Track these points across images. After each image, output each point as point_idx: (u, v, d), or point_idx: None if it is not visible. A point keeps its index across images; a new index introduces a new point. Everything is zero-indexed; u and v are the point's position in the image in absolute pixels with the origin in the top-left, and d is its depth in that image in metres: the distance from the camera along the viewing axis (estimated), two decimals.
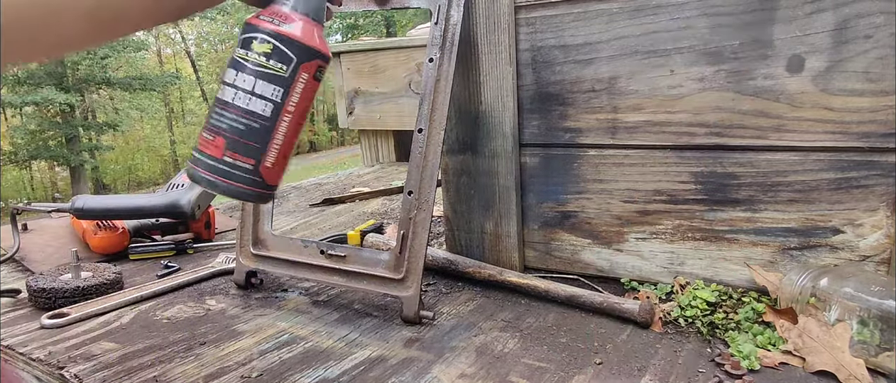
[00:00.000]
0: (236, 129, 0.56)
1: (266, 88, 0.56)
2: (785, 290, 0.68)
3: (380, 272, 0.77)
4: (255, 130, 0.56)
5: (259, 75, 0.55)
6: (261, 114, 0.56)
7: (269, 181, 0.59)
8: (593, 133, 0.82)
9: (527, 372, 0.63)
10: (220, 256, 1.02)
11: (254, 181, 0.57)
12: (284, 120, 0.57)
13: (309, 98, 0.59)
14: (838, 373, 0.59)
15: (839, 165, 0.68)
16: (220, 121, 0.56)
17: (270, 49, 0.55)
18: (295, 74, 0.56)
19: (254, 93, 0.55)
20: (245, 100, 0.56)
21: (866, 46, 0.64)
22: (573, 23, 0.79)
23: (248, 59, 0.56)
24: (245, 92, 0.55)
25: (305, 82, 0.57)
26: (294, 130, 0.59)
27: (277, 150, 0.58)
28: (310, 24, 0.57)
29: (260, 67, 0.55)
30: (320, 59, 0.58)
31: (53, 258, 1.05)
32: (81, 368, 0.67)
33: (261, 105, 0.56)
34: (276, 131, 0.57)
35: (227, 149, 0.56)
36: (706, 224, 0.77)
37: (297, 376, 0.64)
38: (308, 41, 0.57)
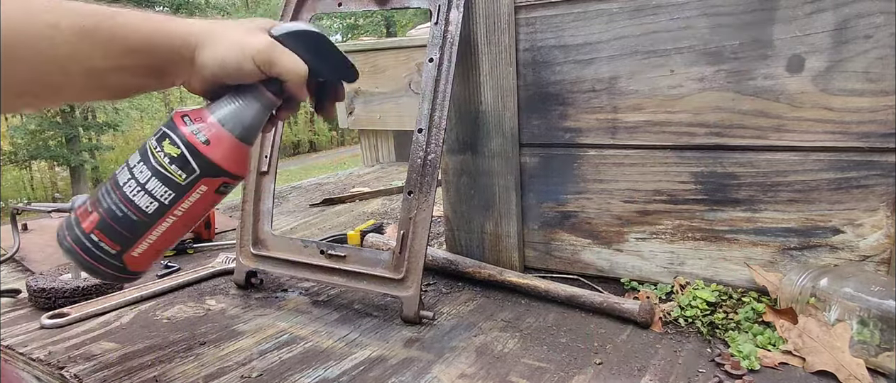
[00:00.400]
0: (113, 214, 0.56)
1: (157, 188, 0.56)
2: (785, 290, 0.68)
3: (380, 272, 0.77)
4: (132, 222, 0.56)
5: (156, 173, 0.55)
6: (143, 209, 0.56)
7: (132, 268, 0.59)
8: (593, 133, 0.82)
9: (527, 372, 0.63)
10: (220, 256, 1.02)
11: (114, 265, 0.57)
12: (166, 221, 0.57)
13: (204, 206, 0.59)
14: (838, 373, 0.59)
15: (839, 165, 0.68)
16: (103, 198, 0.56)
17: (177, 154, 0.55)
18: (192, 185, 0.56)
19: (144, 187, 0.55)
20: (133, 191, 0.56)
21: (866, 46, 0.64)
22: (573, 23, 0.79)
23: (154, 153, 0.56)
24: (137, 183, 0.56)
25: (202, 194, 0.57)
26: (176, 231, 0.59)
27: (149, 244, 0.58)
28: (231, 141, 0.57)
29: (160, 167, 0.55)
30: (228, 177, 0.58)
31: (53, 258, 1.05)
32: (81, 368, 0.67)
33: (146, 201, 0.56)
34: (153, 229, 0.57)
35: (97, 228, 0.56)
36: (706, 224, 0.77)
37: (297, 376, 0.64)
38: (219, 160, 0.56)
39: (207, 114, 0.57)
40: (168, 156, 0.55)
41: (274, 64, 0.57)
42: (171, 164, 0.55)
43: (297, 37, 0.59)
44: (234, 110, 0.58)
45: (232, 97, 0.58)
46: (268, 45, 0.56)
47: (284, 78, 0.58)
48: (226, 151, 0.57)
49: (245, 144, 0.59)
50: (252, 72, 0.56)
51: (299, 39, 0.59)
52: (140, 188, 0.55)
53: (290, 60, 0.58)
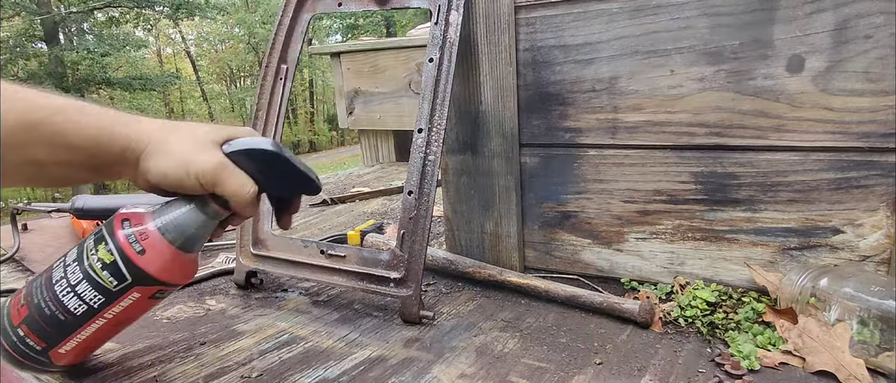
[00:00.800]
0: (41, 311, 0.55)
1: (87, 291, 0.55)
2: (785, 290, 0.68)
3: (380, 272, 0.77)
4: (59, 321, 0.56)
5: (87, 277, 0.55)
6: (71, 311, 0.55)
7: (59, 363, 0.59)
8: (593, 133, 0.82)
9: (527, 372, 0.63)
10: (220, 256, 1.02)
11: (39, 361, 0.57)
12: (95, 323, 0.57)
13: (136, 310, 0.58)
14: (838, 373, 0.59)
15: (839, 165, 0.68)
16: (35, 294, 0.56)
17: (110, 261, 0.54)
18: (124, 292, 0.56)
19: (75, 290, 0.55)
20: (63, 291, 0.55)
21: (866, 46, 0.64)
22: (573, 23, 0.79)
23: (88, 256, 0.55)
24: (67, 283, 0.55)
25: (134, 301, 0.57)
26: (107, 332, 0.58)
27: (76, 343, 0.57)
28: (169, 251, 0.56)
29: (91, 271, 0.55)
30: (162, 286, 0.57)
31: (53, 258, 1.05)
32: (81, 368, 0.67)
33: (75, 303, 0.55)
34: (82, 330, 0.57)
35: (25, 323, 0.56)
36: (706, 224, 0.77)
37: (297, 376, 0.64)
38: (153, 271, 0.55)
39: (149, 218, 0.56)
40: (101, 262, 0.55)
41: (219, 185, 0.55)
42: (103, 270, 0.54)
43: (249, 155, 0.57)
44: (177, 218, 0.56)
45: (177, 203, 0.57)
46: (215, 166, 0.55)
47: (229, 199, 0.56)
48: (162, 262, 0.56)
49: (185, 254, 0.57)
50: (194, 188, 0.55)
51: (252, 158, 0.57)
52: (70, 289, 0.55)
53: (237, 183, 0.56)
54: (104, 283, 0.55)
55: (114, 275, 0.55)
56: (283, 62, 0.88)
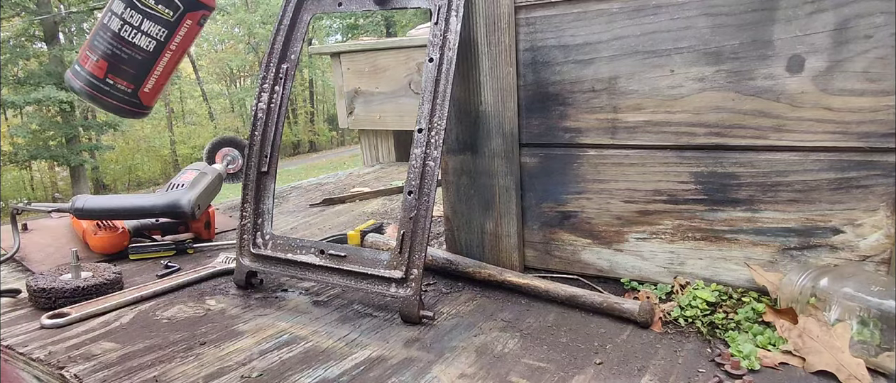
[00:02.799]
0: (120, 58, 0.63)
1: (152, 28, 0.63)
2: (785, 290, 0.68)
3: (380, 272, 0.77)
4: (137, 61, 0.64)
5: (147, 15, 0.62)
6: (145, 49, 0.64)
7: (146, 102, 0.67)
8: (593, 133, 0.82)
9: (527, 372, 0.63)
10: (220, 256, 1.02)
11: (131, 102, 0.66)
12: (165, 56, 0.65)
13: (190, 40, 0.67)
14: (838, 373, 0.59)
15: (839, 165, 0.68)
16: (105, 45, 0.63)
17: None
18: (180, 20, 0.64)
19: (140, 29, 0.63)
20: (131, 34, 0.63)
21: (866, 46, 0.64)
22: (573, 23, 0.79)
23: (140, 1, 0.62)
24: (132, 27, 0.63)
25: (188, 28, 0.65)
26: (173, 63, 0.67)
27: (156, 79, 0.66)
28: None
29: (149, 9, 0.62)
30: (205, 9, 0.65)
31: (53, 258, 1.05)
32: (81, 368, 0.67)
33: (146, 41, 0.64)
34: (157, 65, 0.65)
35: (110, 72, 0.63)
36: (706, 224, 0.77)
37: (297, 376, 0.64)
38: None
39: None
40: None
41: None
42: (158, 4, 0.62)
43: None
44: None
45: None
46: None
47: None
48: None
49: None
50: None
51: None
52: (137, 30, 0.63)
53: None
54: (162, 15, 0.63)
55: (168, 6, 0.63)
56: (284, 62, 0.88)
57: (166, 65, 0.66)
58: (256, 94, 0.88)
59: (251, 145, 0.88)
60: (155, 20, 0.63)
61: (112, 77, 0.64)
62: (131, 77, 0.65)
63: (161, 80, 0.67)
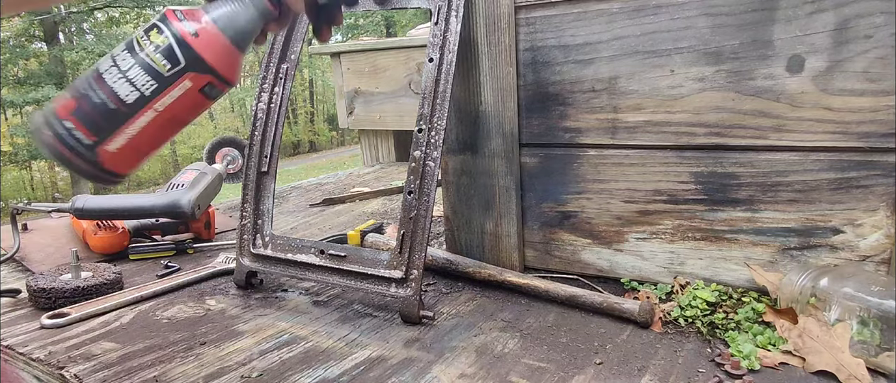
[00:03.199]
0: (90, 100, 0.54)
1: (139, 77, 0.54)
2: (785, 290, 0.68)
3: (380, 272, 0.77)
4: (109, 110, 0.54)
5: (140, 62, 0.54)
6: (121, 98, 0.54)
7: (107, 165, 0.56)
8: (593, 133, 0.82)
9: (527, 372, 0.63)
10: (220, 256, 1.02)
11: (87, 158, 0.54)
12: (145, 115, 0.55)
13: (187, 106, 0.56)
14: (838, 373, 0.59)
15: (839, 165, 0.68)
16: (82, 86, 0.55)
17: (164, 44, 0.54)
18: (177, 77, 0.54)
19: (126, 75, 0.54)
20: (113, 78, 0.54)
21: (866, 46, 0.64)
22: (573, 23, 0.79)
23: (139, 42, 0.54)
24: (118, 71, 0.54)
25: (185, 91, 0.55)
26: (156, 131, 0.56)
27: (127, 140, 0.55)
28: (222, 41, 0.56)
29: (144, 56, 0.54)
30: (215, 77, 0.56)
31: (53, 258, 1.05)
32: (81, 368, 0.67)
33: (126, 89, 0.54)
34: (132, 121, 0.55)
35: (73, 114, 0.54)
36: (706, 224, 0.77)
37: (298, 376, 0.64)
38: (208, 56, 0.55)
39: (201, 13, 0.56)
40: (154, 45, 0.54)
41: None
42: (156, 52, 0.54)
43: None
44: (230, 12, 0.57)
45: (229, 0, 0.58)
46: None
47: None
48: (216, 49, 0.55)
49: (236, 49, 0.57)
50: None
51: None
52: (121, 76, 0.54)
53: None
54: (157, 67, 0.54)
55: (167, 58, 0.54)
56: (284, 62, 0.88)
57: (146, 127, 0.55)
58: (256, 95, 0.88)
59: (251, 145, 0.88)
60: (147, 70, 0.54)
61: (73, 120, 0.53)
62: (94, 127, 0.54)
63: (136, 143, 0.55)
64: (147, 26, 0.55)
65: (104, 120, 0.54)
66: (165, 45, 0.54)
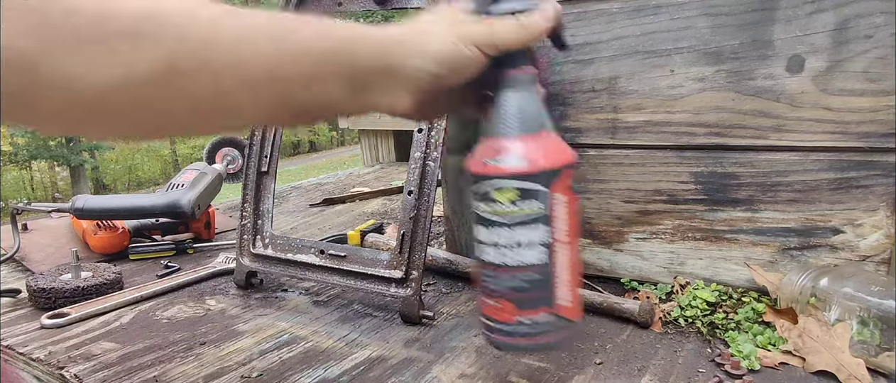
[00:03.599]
0: (518, 288, 0.51)
1: (529, 234, 0.50)
2: (785, 290, 0.68)
3: (380, 272, 0.77)
4: (537, 281, 0.51)
5: (517, 224, 0.50)
6: (536, 264, 0.50)
7: (571, 317, 0.53)
8: (593, 133, 0.82)
9: (527, 372, 0.63)
10: (220, 256, 1.02)
11: (556, 327, 0.52)
12: (559, 254, 0.51)
13: (573, 213, 0.52)
14: (838, 373, 0.59)
15: (839, 165, 0.68)
16: (496, 283, 0.51)
17: (516, 192, 0.49)
18: (549, 202, 0.50)
19: (520, 245, 0.50)
20: (516, 257, 0.50)
21: (866, 46, 0.64)
22: (573, 23, 0.79)
23: (497, 214, 0.50)
24: (511, 247, 0.50)
25: (563, 202, 0.51)
26: (573, 255, 0.53)
27: (566, 286, 0.52)
28: (535, 139, 0.51)
29: (514, 217, 0.50)
30: (566, 168, 0.51)
31: (53, 258, 1.05)
32: (81, 368, 0.67)
33: (532, 254, 0.50)
34: (556, 271, 0.51)
35: (518, 309, 0.51)
36: (706, 224, 0.77)
37: (297, 376, 0.64)
38: (545, 163, 0.50)
39: (490, 140, 0.51)
40: (509, 202, 0.49)
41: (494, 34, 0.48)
42: (518, 204, 0.49)
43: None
44: (507, 113, 0.52)
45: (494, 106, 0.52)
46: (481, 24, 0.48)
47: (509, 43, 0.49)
48: (541, 152, 0.50)
49: (545, 131, 0.51)
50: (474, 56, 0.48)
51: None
52: (515, 250, 0.50)
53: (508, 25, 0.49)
54: (532, 213, 0.50)
55: (530, 197, 0.50)
56: None
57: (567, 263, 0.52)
58: None
59: (251, 145, 0.88)
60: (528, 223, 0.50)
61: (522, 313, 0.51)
62: (543, 300, 0.51)
63: (573, 277, 0.53)
64: (477, 195, 0.51)
65: (542, 289, 0.51)
66: (517, 191, 0.49)
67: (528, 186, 0.49)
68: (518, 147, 0.50)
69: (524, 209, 0.50)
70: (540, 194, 0.50)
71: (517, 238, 0.50)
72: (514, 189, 0.49)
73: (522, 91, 0.52)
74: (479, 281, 0.53)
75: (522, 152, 0.50)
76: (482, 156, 0.51)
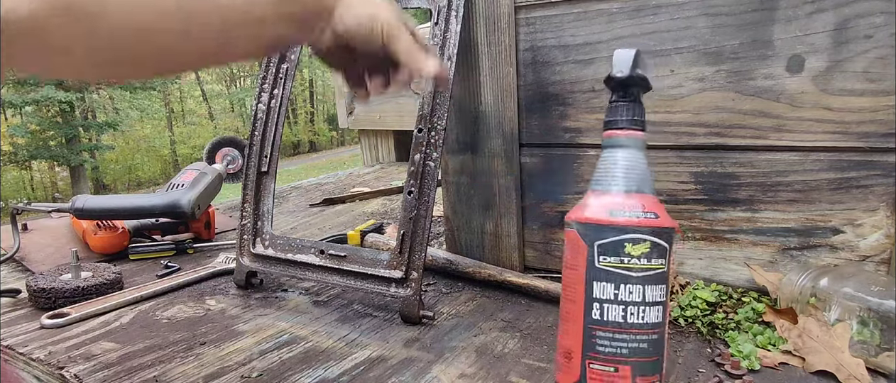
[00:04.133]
0: (640, 350, 0.49)
1: (654, 292, 0.49)
2: (785, 290, 0.68)
3: (380, 272, 0.77)
4: (655, 342, 0.49)
5: (645, 281, 0.48)
6: (655, 323, 0.49)
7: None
8: (593, 133, 0.82)
9: (527, 372, 0.63)
10: (220, 256, 1.02)
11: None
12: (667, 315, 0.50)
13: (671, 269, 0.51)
14: (838, 373, 0.59)
15: (839, 165, 0.68)
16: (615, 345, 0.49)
17: (648, 247, 0.48)
18: (668, 260, 0.50)
19: (646, 302, 0.48)
20: (640, 315, 0.48)
21: (866, 46, 0.64)
22: (573, 23, 0.79)
23: (627, 267, 0.48)
24: (636, 305, 0.48)
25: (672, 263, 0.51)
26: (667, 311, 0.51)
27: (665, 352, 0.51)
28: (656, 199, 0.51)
29: (644, 272, 0.48)
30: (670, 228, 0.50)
31: (53, 258, 1.05)
32: (81, 368, 0.67)
33: (654, 313, 0.49)
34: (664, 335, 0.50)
35: (637, 376, 0.49)
36: (706, 224, 0.77)
37: (297, 376, 0.64)
38: (669, 220, 0.50)
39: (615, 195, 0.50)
40: (642, 256, 0.48)
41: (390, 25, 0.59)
42: (650, 260, 0.48)
43: None
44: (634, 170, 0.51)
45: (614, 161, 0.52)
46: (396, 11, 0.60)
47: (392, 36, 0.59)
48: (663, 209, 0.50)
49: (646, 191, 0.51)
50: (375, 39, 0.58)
51: None
52: (644, 306, 0.48)
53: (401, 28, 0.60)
54: (658, 269, 0.49)
55: (659, 254, 0.48)
56: (284, 62, 0.88)
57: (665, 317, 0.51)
58: (256, 95, 0.88)
59: (251, 145, 0.88)
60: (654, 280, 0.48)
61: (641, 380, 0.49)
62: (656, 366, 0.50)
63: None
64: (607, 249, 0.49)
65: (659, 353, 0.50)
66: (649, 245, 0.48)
67: (659, 241, 0.49)
68: (649, 202, 0.50)
69: (654, 265, 0.49)
70: (666, 251, 0.49)
71: (646, 295, 0.48)
72: (647, 243, 0.48)
73: (642, 151, 0.53)
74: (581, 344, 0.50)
75: (653, 207, 0.50)
76: (607, 208, 0.50)
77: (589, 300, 0.49)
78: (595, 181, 0.52)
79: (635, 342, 0.49)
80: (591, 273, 0.49)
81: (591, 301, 0.49)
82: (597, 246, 0.49)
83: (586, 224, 0.50)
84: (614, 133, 0.52)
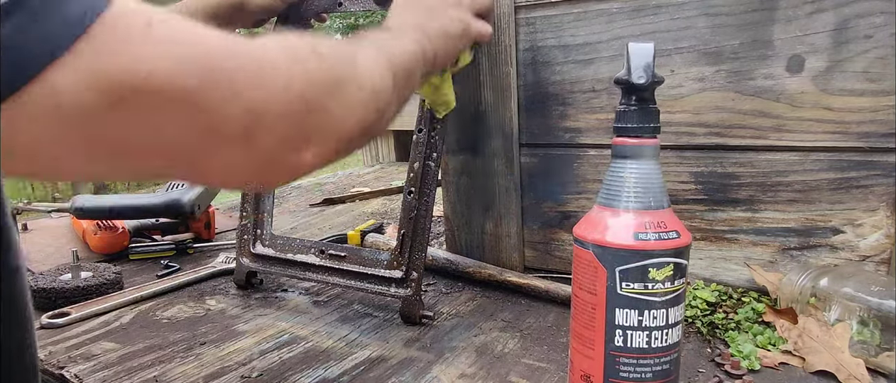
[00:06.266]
0: (663, 372, 0.47)
1: (676, 312, 0.47)
2: (785, 290, 0.68)
3: (380, 272, 0.77)
4: (675, 360, 0.48)
5: (668, 304, 0.46)
6: (676, 342, 0.48)
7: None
8: (593, 133, 0.82)
9: (527, 372, 0.63)
10: (220, 256, 1.02)
11: None
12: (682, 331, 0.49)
13: None
14: (838, 373, 0.59)
15: (839, 165, 0.68)
16: (640, 372, 0.47)
17: (672, 270, 0.46)
18: (686, 276, 0.48)
19: (669, 324, 0.47)
20: (664, 338, 0.47)
21: (866, 46, 0.64)
22: (573, 23, 0.79)
23: (653, 292, 0.46)
24: (660, 329, 0.46)
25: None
26: None
27: None
28: (672, 212, 0.48)
29: (667, 295, 0.46)
30: (686, 247, 0.48)
31: (53, 258, 1.05)
32: (81, 368, 0.67)
33: (676, 333, 0.47)
34: (681, 349, 0.49)
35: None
36: (706, 224, 0.77)
37: (297, 376, 0.64)
38: (688, 236, 0.47)
39: (636, 213, 0.47)
40: (666, 280, 0.46)
41: None
42: (672, 281, 0.46)
43: None
44: (653, 184, 0.48)
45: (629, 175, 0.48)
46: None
47: None
48: (681, 224, 0.48)
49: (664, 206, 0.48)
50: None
51: None
52: (667, 329, 0.47)
53: None
54: (679, 290, 0.47)
55: (680, 274, 0.47)
56: None
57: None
58: None
59: None
60: (676, 301, 0.47)
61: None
62: (676, 380, 0.49)
63: None
64: (631, 275, 0.46)
65: (677, 372, 0.49)
66: (672, 267, 0.46)
67: (681, 261, 0.47)
68: (669, 219, 0.47)
69: (676, 286, 0.47)
70: (685, 269, 0.47)
71: (669, 317, 0.47)
72: (671, 265, 0.46)
73: (657, 160, 0.48)
74: (603, 371, 0.48)
75: (673, 225, 0.47)
76: (630, 230, 0.46)
77: (611, 327, 0.47)
78: (610, 195, 0.48)
79: (659, 365, 0.47)
80: (612, 300, 0.47)
81: (613, 328, 0.47)
82: (619, 272, 0.46)
83: (606, 248, 0.47)
84: (628, 141, 0.48)
